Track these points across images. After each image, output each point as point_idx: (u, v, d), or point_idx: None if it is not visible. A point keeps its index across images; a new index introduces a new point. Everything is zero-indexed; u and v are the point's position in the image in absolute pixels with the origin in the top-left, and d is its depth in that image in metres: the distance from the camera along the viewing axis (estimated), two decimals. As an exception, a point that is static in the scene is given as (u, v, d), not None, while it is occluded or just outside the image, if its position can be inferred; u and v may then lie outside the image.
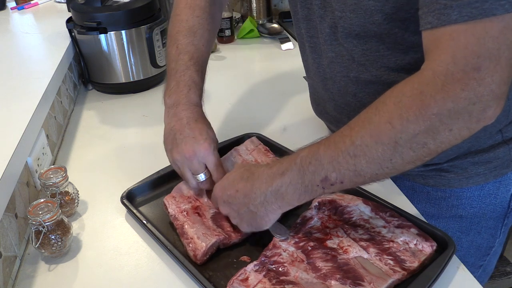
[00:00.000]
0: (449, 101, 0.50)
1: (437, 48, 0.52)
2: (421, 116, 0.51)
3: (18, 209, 0.74)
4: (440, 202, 0.83)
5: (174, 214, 0.74)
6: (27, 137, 0.78)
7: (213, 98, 1.23)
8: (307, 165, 0.58)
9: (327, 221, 0.71)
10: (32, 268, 0.71)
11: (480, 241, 0.87)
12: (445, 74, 0.50)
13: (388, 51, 0.67)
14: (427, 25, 0.52)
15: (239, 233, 0.70)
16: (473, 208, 0.82)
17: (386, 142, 0.53)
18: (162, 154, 0.78)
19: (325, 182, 0.58)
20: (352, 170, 0.56)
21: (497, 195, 0.81)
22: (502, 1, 0.47)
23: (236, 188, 0.65)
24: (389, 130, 0.53)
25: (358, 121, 0.57)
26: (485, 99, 0.50)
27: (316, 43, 0.76)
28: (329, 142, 0.58)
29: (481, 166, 0.78)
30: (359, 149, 0.55)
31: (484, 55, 0.48)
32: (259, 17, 1.71)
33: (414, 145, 0.53)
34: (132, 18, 1.17)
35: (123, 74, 1.23)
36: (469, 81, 0.49)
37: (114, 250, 0.73)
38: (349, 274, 0.61)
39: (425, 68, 0.53)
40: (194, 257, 0.67)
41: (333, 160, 0.56)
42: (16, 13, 1.56)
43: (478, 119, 0.51)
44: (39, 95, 0.89)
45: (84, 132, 1.09)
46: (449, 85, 0.50)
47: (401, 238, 0.65)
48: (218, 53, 1.54)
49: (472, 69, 0.49)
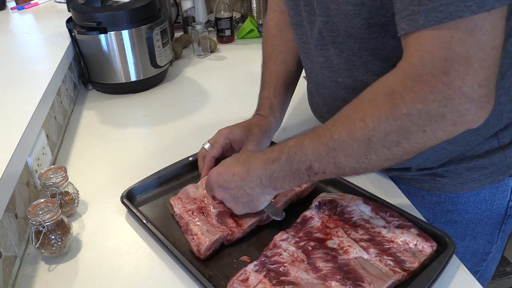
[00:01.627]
0: (417, 102, 0.51)
1: (408, 51, 0.53)
2: (391, 115, 0.53)
3: (18, 209, 0.74)
4: (435, 206, 0.83)
5: (180, 214, 0.74)
6: (27, 137, 0.77)
7: (213, 98, 1.23)
8: (293, 155, 0.62)
9: (327, 221, 0.71)
10: (32, 268, 0.71)
11: (476, 246, 0.86)
12: (414, 76, 0.51)
13: (371, 56, 0.67)
14: (401, 31, 0.53)
15: (242, 228, 0.71)
16: (468, 214, 0.82)
17: (360, 139, 0.56)
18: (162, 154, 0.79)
19: (310, 171, 0.62)
20: (332, 162, 0.59)
21: (493, 201, 0.81)
22: (468, 3, 0.47)
23: (232, 171, 0.68)
24: (362, 128, 0.55)
25: (340, 116, 0.60)
26: (456, 102, 0.49)
27: (308, 48, 0.78)
28: (313, 134, 0.61)
29: (477, 172, 0.77)
30: (337, 144, 0.58)
31: (451, 58, 0.48)
32: (259, 17, 1.71)
33: (387, 143, 0.54)
34: (132, 18, 1.17)
35: (123, 74, 1.23)
36: (437, 83, 0.49)
37: (114, 250, 0.73)
38: (349, 274, 0.61)
39: (398, 67, 0.54)
40: (198, 251, 0.67)
41: (315, 151, 0.60)
42: (16, 13, 1.56)
43: (454, 122, 0.51)
44: (39, 95, 0.89)
45: (84, 132, 1.09)
46: (417, 86, 0.51)
47: (401, 238, 0.65)
48: (218, 53, 1.54)
49: (440, 72, 0.49)
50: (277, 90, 0.88)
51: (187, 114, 1.15)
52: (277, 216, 0.71)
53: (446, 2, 0.47)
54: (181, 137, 1.04)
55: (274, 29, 0.92)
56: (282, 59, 0.90)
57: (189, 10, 1.61)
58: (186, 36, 1.58)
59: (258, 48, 1.66)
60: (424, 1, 0.49)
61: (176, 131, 1.07)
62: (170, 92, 1.28)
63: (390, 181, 0.84)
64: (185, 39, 1.57)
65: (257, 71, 0.96)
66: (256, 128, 0.84)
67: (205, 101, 1.21)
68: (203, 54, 1.50)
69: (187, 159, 0.88)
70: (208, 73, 1.39)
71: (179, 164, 0.87)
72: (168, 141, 1.03)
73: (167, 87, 1.32)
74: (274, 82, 0.89)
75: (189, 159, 0.88)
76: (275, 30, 0.92)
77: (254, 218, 0.72)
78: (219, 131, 0.84)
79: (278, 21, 0.92)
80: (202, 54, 1.50)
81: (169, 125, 1.10)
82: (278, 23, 0.92)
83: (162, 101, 1.23)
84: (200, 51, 1.50)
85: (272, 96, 0.88)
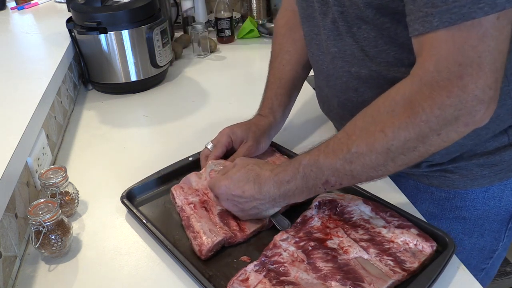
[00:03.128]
0: (435, 108, 0.53)
1: (422, 55, 0.55)
2: (411, 123, 0.55)
3: (18, 209, 0.74)
4: (444, 202, 0.83)
5: (181, 205, 0.74)
6: (27, 137, 0.77)
7: (213, 98, 1.23)
8: (309, 172, 0.64)
9: (327, 221, 0.71)
10: (32, 268, 0.71)
11: (483, 243, 0.86)
12: (431, 83, 0.53)
13: (385, 45, 0.68)
14: (415, 32, 0.55)
15: (245, 233, 0.71)
16: (477, 210, 0.82)
17: (379, 150, 0.58)
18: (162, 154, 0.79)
19: (326, 185, 0.64)
20: (349, 175, 0.61)
21: (502, 198, 0.81)
22: (481, 4, 0.49)
23: (242, 189, 0.69)
24: (382, 139, 0.57)
25: (355, 129, 0.61)
26: (469, 104, 0.52)
27: (320, 40, 0.78)
28: (328, 150, 0.63)
29: (487, 168, 0.78)
30: (355, 156, 0.59)
31: (465, 63, 0.51)
32: (259, 17, 1.71)
33: (405, 150, 0.57)
34: (132, 18, 1.17)
35: (123, 74, 1.23)
36: (453, 88, 0.52)
37: (114, 250, 0.73)
38: (349, 275, 0.61)
39: (414, 74, 0.56)
40: (199, 252, 0.67)
41: (332, 167, 0.62)
42: (16, 13, 1.56)
43: (465, 123, 0.54)
44: (39, 95, 0.89)
45: (84, 132, 1.09)
46: (435, 93, 0.53)
47: (401, 238, 0.65)
48: (218, 53, 1.54)
49: (455, 77, 0.52)
50: (279, 91, 0.89)
51: (187, 114, 1.15)
52: (283, 227, 0.71)
53: (459, 4, 0.49)
54: (181, 137, 1.04)
55: (284, 28, 0.93)
56: (288, 59, 0.91)
57: (189, 10, 1.61)
58: (186, 36, 1.58)
59: (258, 48, 1.66)
60: (438, 3, 0.51)
61: (176, 131, 1.07)
62: (170, 92, 1.28)
63: (390, 181, 0.84)
64: (185, 39, 1.57)
65: (257, 71, 0.97)
66: (255, 127, 0.86)
67: (205, 101, 1.21)
68: (203, 54, 1.50)
69: (187, 159, 0.88)
70: (208, 73, 1.39)
71: (179, 164, 0.87)
72: (168, 141, 1.03)
73: (167, 87, 1.31)
74: (277, 82, 0.90)
75: (189, 159, 0.88)
76: (284, 29, 0.93)
77: (258, 224, 0.72)
78: (221, 132, 0.86)
79: (288, 20, 0.93)
80: (202, 54, 1.50)
81: (169, 125, 1.10)
82: (288, 22, 0.93)
83: (162, 101, 1.23)
84: (200, 51, 1.50)
85: (273, 96, 0.89)
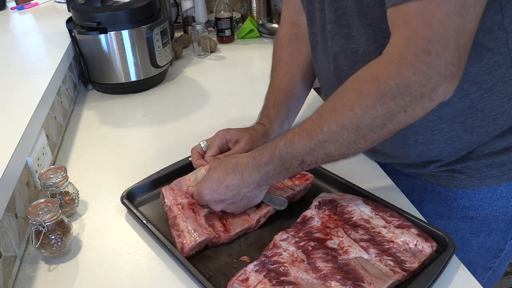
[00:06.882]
0: (401, 85, 0.55)
1: (395, 32, 0.57)
2: (377, 101, 0.57)
3: (18, 209, 0.74)
4: (452, 202, 0.83)
5: (170, 205, 0.75)
6: (27, 137, 0.77)
7: (213, 98, 1.23)
8: (285, 154, 0.66)
9: (327, 221, 0.71)
10: (32, 268, 0.71)
11: (491, 243, 0.86)
12: (399, 59, 0.55)
13: (386, 39, 0.67)
14: (388, 3, 0.57)
15: (229, 234, 0.71)
16: (484, 210, 0.82)
17: (349, 127, 0.60)
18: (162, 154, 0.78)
19: (303, 164, 0.66)
20: (323, 153, 0.64)
21: (509, 198, 0.81)
22: None
23: (225, 183, 0.70)
24: (351, 117, 0.59)
25: (326, 109, 0.63)
26: (433, 80, 0.55)
27: (323, 38, 0.79)
28: (301, 131, 0.65)
29: (495, 168, 0.78)
30: (327, 136, 0.62)
31: (434, 39, 0.53)
32: (259, 17, 1.71)
33: (374, 127, 0.59)
34: (132, 18, 1.17)
35: (123, 74, 1.23)
36: (419, 64, 0.54)
37: (114, 250, 0.73)
38: (349, 275, 0.61)
39: (385, 52, 0.58)
40: (181, 249, 0.68)
41: (306, 147, 0.64)
42: (16, 13, 1.56)
43: (430, 98, 0.56)
44: (39, 95, 0.89)
45: (84, 132, 1.09)
46: (402, 70, 0.55)
47: (401, 238, 0.65)
48: (218, 53, 1.54)
49: (423, 53, 0.54)
50: (276, 101, 0.90)
51: (187, 114, 1.15)
52: (280, 206, 0.73)
53: None
54: (181, 137, 1.04)
55: (282, 40, 0.95)
56: (285, 70, 0.92)
57: (189, 10, 1.62)
58: (186, 36, 1.58)
59: (258, 48, 1.66)
60: None
61: (176, 131, 1.07)
62: (170, 92, 1.28)
63: (390, 181, 0.84)
64: (185, 39, 1.57)
65: (257, 71, 0.97)
66: (252, 130, 0.86)
67: (205, 101, 1.21)
68: (203, 54, 1.50)
69: (187, 159, 0.88)
70: (208, 73, 1.39)
71: (179, 164, 0.87)
72: (168, 141, 1.03)
73: (167, 87, 1.32)
74: (274, 93, 0.91)
75: (189, 159, 0.88)
76: (283, 41, 0.94)
77: (243, 226, 0.73)
78: (216, 133, 0.86)
79: (287, 31, 0.94)
80: (202, 54, 1.50)
81: (169, 125, 1.10)
82: (287, 34, 0.94)
83: (162, 101, 1.23)
84: (200, 51, 1.50)
85: (270, 106, 0.90)
